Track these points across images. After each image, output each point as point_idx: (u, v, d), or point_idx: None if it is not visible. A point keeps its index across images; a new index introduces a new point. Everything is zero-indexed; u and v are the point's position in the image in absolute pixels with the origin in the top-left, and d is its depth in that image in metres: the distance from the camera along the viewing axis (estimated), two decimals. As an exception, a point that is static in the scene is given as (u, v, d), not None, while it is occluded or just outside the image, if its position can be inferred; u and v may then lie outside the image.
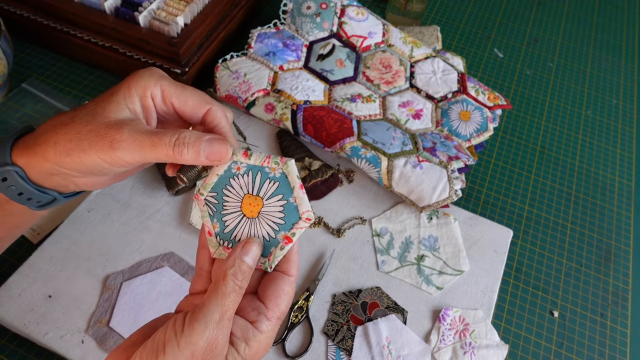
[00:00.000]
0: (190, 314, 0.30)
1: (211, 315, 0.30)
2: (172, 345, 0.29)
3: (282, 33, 0.77)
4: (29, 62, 0.76)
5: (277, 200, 0.34)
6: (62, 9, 0.69)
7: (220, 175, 0.34)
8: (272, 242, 0.34)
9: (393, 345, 0.53)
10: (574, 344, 0.58)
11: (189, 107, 0.35)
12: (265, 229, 0.34)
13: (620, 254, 0.66)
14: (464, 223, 0.64)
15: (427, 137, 0.68)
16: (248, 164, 0.34)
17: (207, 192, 0.35)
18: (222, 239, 0.35)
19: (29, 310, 0.52)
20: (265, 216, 0.34)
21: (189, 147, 0.32)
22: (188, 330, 0.29)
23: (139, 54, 0.70)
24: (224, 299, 0.31)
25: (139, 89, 0.34)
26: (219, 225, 0.35)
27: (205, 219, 0.35)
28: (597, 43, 0.94)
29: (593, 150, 0.77)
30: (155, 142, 0.32)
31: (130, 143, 0.32)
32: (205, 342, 0.29)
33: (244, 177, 0.34)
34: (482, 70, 0.86)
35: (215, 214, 0.35)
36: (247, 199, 0.34)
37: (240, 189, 0.34)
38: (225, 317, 0.30)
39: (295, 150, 0.66)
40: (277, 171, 0.34)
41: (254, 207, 0.34)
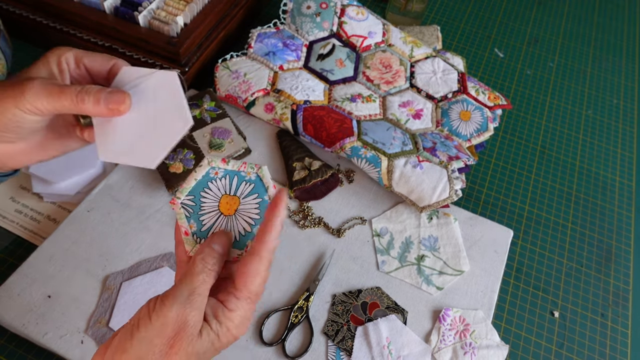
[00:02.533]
0: (163, 294, 0.33)
1: (180, 292, 0.33)
2: (145, 320, 0.32)
3: (282, 33, 0.77)
4: (28, 62, 0.75)
5: (253, 199, 0.37)
6: (61, 8, 0.69)
7: (198, 180, 0.37)
8: (248, 236, 0.37)
9: (393, 346, 0.53)
10: (574, 344, 0.58)
11: (97, 63, 0.39)
12: (241, 225, 0.37)
13: (620, 254, 0.66)
14: (464, 223, 0.63)
15: (427, 137, 0.68)
16: (226, 169, 0.37)
17: (184, 196, 0.37)
18: (199, 237, 0.37)
19: (28, 311, 0.52)
20: (241, 213, 0.37)
21: (90, 95, 0.35)
22: (159, 306, 0.32)
23: (139, 54, 0.70)
24: (192, 277, 0.33)
25: (54, 56, 0.38)
26: (196, 224, 0.37)
27: (181, 221, 0.37)
28: (598, 43, 0.94)
29: (594, 150, 0.77)
30: (63, 89, 0.35)
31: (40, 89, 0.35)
32: (175, 314, 0.32)
33: (222, 181, 0.37)
34: (482, 70, 0.86)
35: (192, 215, 0.37)
36: (225, 199, 0.37)
37: (218, 190, 0.37)
38: (195, 293, 0.33)
39: (295, 150, 0.66)
40: (252, 175, 0.37)
41: (231, 206, 0.37)
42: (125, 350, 0.32)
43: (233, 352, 0.52)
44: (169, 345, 0.32)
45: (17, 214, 0.60)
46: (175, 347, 0.32)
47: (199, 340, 0.33)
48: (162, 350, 0.32)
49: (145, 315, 0.32)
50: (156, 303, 0.33)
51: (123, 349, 0.32)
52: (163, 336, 0.32)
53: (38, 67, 0.38)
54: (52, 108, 0.35)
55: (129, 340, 0.32)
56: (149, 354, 0.32)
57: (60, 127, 0.41)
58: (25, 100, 0.34)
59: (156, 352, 0.32)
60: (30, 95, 0.34)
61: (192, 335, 0.32)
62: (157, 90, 0.37)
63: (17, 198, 0.61)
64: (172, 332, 0.32)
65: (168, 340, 0.32)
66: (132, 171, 0.63)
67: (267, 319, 0.54)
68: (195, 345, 0.32)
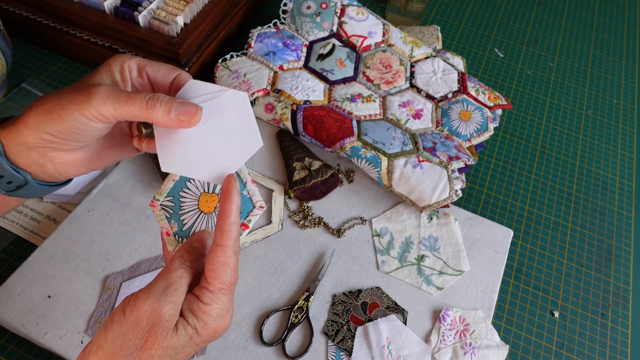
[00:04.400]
0: (138, 290, 0.33)
1: (156, 287, 0.33)
2: (119, 315, 0.32)
3: (282, 33, 0.77)
4: (28, 62, 0.76)
5: None
6: (61, 8, 0.69)
7: (176, 181, 0.38)
8: None
9: (393, 346, 0.53)
10: (574, 344, 0.58)
11: (161, 73, 0.38)
12: None
13: (620, 254, 0.66)
14: (464, 223, 0.63)
15: (427, 137, 0.68)
16: None
17: (163, 197, 0.38)
18: (181, 236, 0.37)
19: (28, 311, 0.52)
20: None
21: (161, 103, 0.34)
22: (133, 300, 0.32)
23: (139, 54, 0.70)
24: (168, 273, 0.34)
25: (117, 64, 0.37)
26: (177, 224, 0.38)
27: (162, 222, 0.38)
28: (598, 43, 0.94)
29: (594, 150, 0.77)
30: (132, 96, 0.34)
31: (106, 95, 0.33)
32: (150, 308, 0.32)
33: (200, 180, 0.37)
34: (482, 70, 0.86)
35: (172, 215, 0.38)
36: (204, 197, 0.38)
37: (197, 189, 0.38)
38: (171, 287, 0.33)
39: (295, 150, 0.66)
40: None
41: (210, 204, 0.38)
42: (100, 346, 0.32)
43: (233, 352, 0.52)
44: (143, 339, 0.31)
45: (17, 214, 0.60)
46: (150, 341, 0.32)
47: (174, 335, 0.32)
48: (137, 345, 0.31)
49: (119, 310, 0.32)
50: (131, 299, 0.33)
51: (98, 344, 0.32)
52: (137, 330, 0.31)
53: (100, 74, 0.37)
54: (118, 115, 0.34)
55: (103, 335, 0.32)
56: (124, 348, 0.31)
57: (116, 136, 0.40)
58: (91, 106, 0.33)
59: (131, 345, 0.31)
60: (96, 101, 0.33)
61: (167, 329, 0.32)
62: (227, 108, 0.36)
63: (17, 198, 0.62)
64: (146, 326, 0.31)
65: (142, 334, 0.31)
66: (132, 171, 0.63)
67: (267, 319, 0.54)
68: (171, 339, 0.32)
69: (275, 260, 0.59)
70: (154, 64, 0.38)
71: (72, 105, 0.33)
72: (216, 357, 0.51)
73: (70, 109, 0.33)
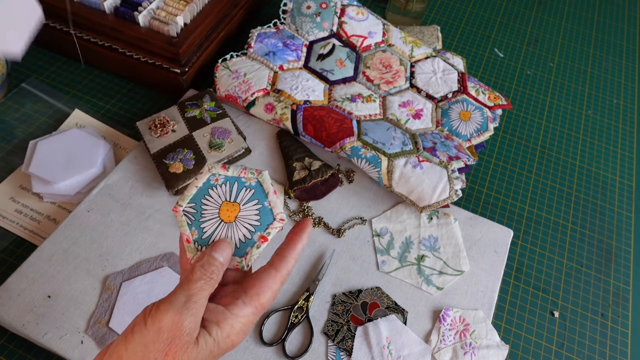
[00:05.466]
0: (159, 300, 0.33)
1: (176, 298, 0.32)
2: (140, 326, 0.32)
3: (282, 33, 0.77)
4: (28, 62, 0.76)
5: (253, 205, 0.37)
6: (61, 8, 0.69)
7: (199, 187, 0.37)
8: (248, 243, 0.37)
9: (393, 346, 0.53)
10: (574, 344, 0.58)
11: None
12: (241, 231, 0.37)
13: (620, 254, 0.66)
14: (464, 223, 0.63)
15: (427, 137, 0.68)
16: (226, 176, 0.37)
17: (186, 203, 0.37)
18: (200, 244, 0.37)
19: (28, 311, 0.52)
20: (241, 220, 0.37)
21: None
22: (154, 311, 0.32)
23: (139, 54, 0.70)
24: (189, 284, 0.33)
25: None
26: (197, 232, 0.37)
27: (183, 228, 0.37)
28: (598, 43, 0.94)
29: (594, 150, 0.77)
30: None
31: None
32: (170, 320, 0.31)
33: (222, 187, 0.37)
34: (482, 70, 0.86)
35: (193, 222, 0.37)
36: (225, 206, 0.37)
37: (219, 197, 0.37)
38: (192, 300, 0.32)
39: (295, 150, 0.66)
40: (252, 180, 0.37)
41: (231, 213, 0.37)
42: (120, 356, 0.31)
43: (233, 352, 0.52)
44: (164, 352, 0.31)
45: (17, 214, 0.60)
46: (170, 355, 0.31)
47: (195, 348, 0.32)
48: (157, 357, 0.31)
49: (140, 320, 0.32)
50: (152, 309, 0.32)
51: (118, 354, 0.31)
52: (158, 342, 0.31)
53: None
54: None
55: (124, 345, 0.32)
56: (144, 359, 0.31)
57: None
58: None
59: (151, 358, 0.31)
60: None
61: (187, 343, 0.32)
62: None
63: (17, 198, 0.61)
64: (167, 339, 0.31)
65: (164, 347, 0.31)
66: (132, 171, 0.63)
67: (267, 319, 0.54)
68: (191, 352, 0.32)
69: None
70: None
71: None
72: (216, 357, 0.51)
73: None
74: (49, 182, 0.61)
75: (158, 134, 0.64)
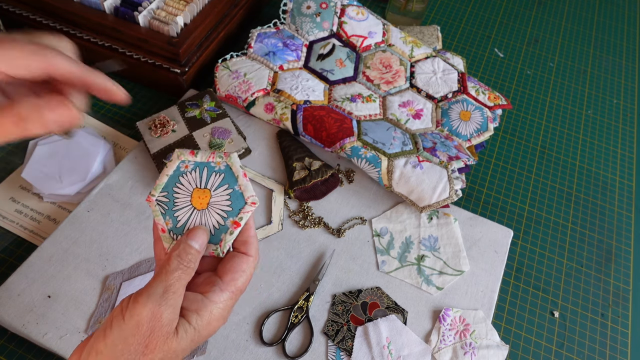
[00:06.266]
0: (136, 292, 0.32)
1: (154, 289, 0.32)
2: (118, 320, 0.31)
3: (282, 33, 0.77)
4: (29, 62, 0.76)
5: (224, 190, 0.37)
6: (61, 8, 0.69)
7: (169, 175, 0.37)
8: (221, 229, 0.37)
9: (393, 346, 0.53)
10: (574, 344, 0.58)
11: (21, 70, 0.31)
12: (214, 218, 0.37)
13: (620, 254, 0.66)
14: (464, 223, 0.63)
15: (427, 137, 0.68)
16: (195, 161, 0.37)
17: (158, 192, 0.37)
18: (175, 233, 0.37)
19: (28, 311, 0.52)
20: (214, 206, 0.37)
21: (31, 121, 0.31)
22: (132, 304, 0.32)
23: (139, 54, 0.70)
24: (167, 275, 0.33)
25: None
26: (172, 221, 0.37)
27: (157, 218, 0.37)
28: (598, 43, 0.94)
29: (594, 150, 0.77)
30: None
31: None
32: (149, 312, 0.31)
33: (192, 174, 0.37)
34: (482, 70, 0.86)
35: (167, 212, 0.37)
36: (196, 193, 0.37)
37: (189, 184, 0.37)
38: (170, 290, 0.32)
39: (295, 150, 0.66)
40: (221, 164, 0.37)
41: (203, 200, 0.37)
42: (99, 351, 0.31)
43: (233, 352, 0.52)
44: (144, 344, 0.31)
45: (17, 214, 0.60)
46: (151, 346, 0.31)
47: (175, 338, 0.32)
48: (138, 350, 0.31)
49: (118, 314, 0.32)
50: (129, 302, 0.32)
51: (97, 349, 0.31)
52: (138, 335, 0.31)
53: None
54: None
55: (102, 340, 0.31)
56: (125, 353, 0.31)
57: None
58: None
59: (132, 351, 0.31)
60: None
61: (167, 334, 0.32)
62: None
63: (17, 198, 0.61)
64: (147, 331, 0.31)
65: (143, 339, 0.31)
66: (132, 171, 0.63)
67: (267, 319, 0.54)
68: (171, 343, 0.32)
69: (275, 260, 0.59)
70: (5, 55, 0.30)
71: None
72: (216, 357, 0.51)
73: None
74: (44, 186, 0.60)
75: (158, 134, 0.64)
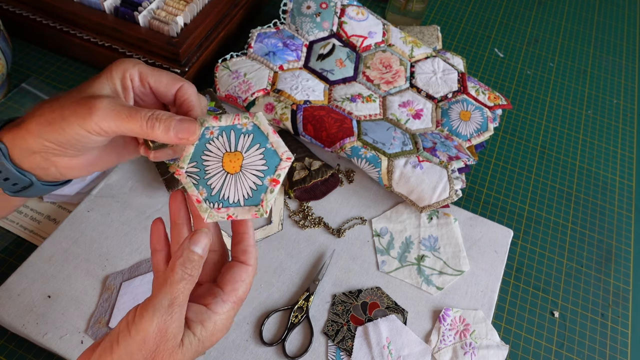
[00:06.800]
0: (141, 305, 0.32)
1: (160, 302, 0.32)
2: (124, 334, 0.32)
3: (282, 33, 0.77)
4: (29, 62, 0.76)
5: (256, 150, 0.36)
6: (61, 8, 0.69)
7: (196, 144, 0.36)
8: (260, 189, 0.36)
9: (393, 346, 0.53)
10: (574, 344, 0.58)
11: (163, 84, 0.37)
12: (250, 180, 0.36)
13: (620, 254, 0.66)
14: (464, 223, 0.63)
15: (427, 137, 0.68)
16: (220, 126, 0.36)
17: (187, 164, 0.36)
18: (212, 201, 0.36)
19: (28, 311, 0.52)
20: (247, 168, 0.36)
21: (160, 122, 0.34)
22: (138, 318, 0.32)
23: (139, 54, 0.70)
24: (172, 286, 0.33)
25: (119, 72, 0.36)
26: (206, 190, 0.36)
27: (190, 189, 0.36)
28: (598, 43, 0.94)
29: (594, 150, 0.77)
30: (132, 114, 0.33)
31: (108, 111, 0.33)
32: (155, 327, 0.31)
33: (219, 139, 0.36)
34: (482, 70, 0.86)
35: (199, 181, 0.36)
36: (227, 157, 0.36)
37: (218, 150, 0.36)
38: (175, 303, 0.32)
39: (295, 150, 0.66)
40: (248, 125, 0.36)
41: (235, 163, 0.36)
42: None
43: (233, 352, 0.52)
44: (150, 358, 0.32)
45: (17, 214, 0.60)
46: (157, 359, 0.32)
47: (180, 350, 0.33)
48: None
49: (124, 328, 0.32)
50: (135, 316, 0.32)
51: None
52: (144, 350, 0.31)
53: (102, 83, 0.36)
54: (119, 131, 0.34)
55: (110, 355, 0.32)
56: None
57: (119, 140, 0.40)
58: (92, 121, 0.33)
59: None
60: (97, 117, 0.33)
61: (173, 347, 0.32)
62: None
63: (17, 198, 0.61)
64: (153, 346, 0.32)
65: (149, 354, 0.32)
66: (132, 171, 0.63)
67: (267, 319, 0.54)
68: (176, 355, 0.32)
69: (275, 260, 0.59)
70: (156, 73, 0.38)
71: (73, 118, 0.33)
72: (216, 357, 0.51)
73: (71, 122, 0.33)
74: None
75: (158, 134, 0.64)
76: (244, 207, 0.36)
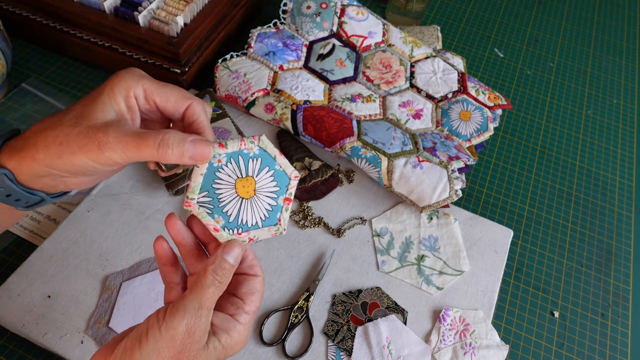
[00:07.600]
0: (172, 305, 0.33)
1: (190, 304, 0.33)
2: (154, 330, 0.32)
3: (282, 33, 0.77)
4: (28, 62, 0.76)
5: (266, 173, 0.37)
6: (61, 8, 0.69)
7: (204, 174, 0.36)
8: (275, 210, 0.37)
9: (393, 346, 0.53)
10: (574, 344, 0.58)
11: (171, 104, 0.37)
12: (265, 202, 0.37)
13: (620, 254, 0.66)
14: (464, 223, 0.63)
15: (427, 137, 0.68)
16: (227, 153, 0.36)
17: (197, 194, 0.36)
18: (230, 228, 0.36)
19: (28, 311, 0.52)
20: (261, 191, 0.37)
21: (173, 148, 0.33)
22: (169, 317, 0.33)
23: (139, 54, 0.70)
24: (202, 290, 0.34)
25: (122, 90, 0.35)
26: (222, 218, 0.36)
27: (205, 220, 0.36)
28: (598, 43, 0.94)
29: (594, 150, 0.77)
30: (140, 144, 0.33)
31: (116, 144, 0.33)
32: (185, 327, 0.32)
33: (229, 166, 0.36)
34: (482, 70, 0.86)
35: (214, 210, 0.36)
36: (240, 183, 0.37)
37: (229, 177, 0.36)
38: (204, 306, 0.33)
39: (295, 150, 0.66)
40: (254, 149, 0.37)
41: (248, 187, 0.37)
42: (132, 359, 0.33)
43: (233, 352, 0.52)
44: (176, 357, 0.32)
45: (17, 214, 0.60)
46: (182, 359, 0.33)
47: (205, 352, 0.34)
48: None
49: (154, 325, 0.33)
50: (166, 314, 0.33)
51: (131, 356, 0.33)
52: (171, 348, 0.32)
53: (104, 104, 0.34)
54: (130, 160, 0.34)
55: (137, 349, 0.32)
56: None
57: None
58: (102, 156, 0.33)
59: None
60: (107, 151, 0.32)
61: (198, 349, 0.33)
62: None
63: (17, 198, 0.61)
64: (180, 345, 0.32)
65: (176, 352, 0.32)
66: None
67: (267, 319, 0.54)
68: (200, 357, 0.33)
69: (275, 260, 0.59)
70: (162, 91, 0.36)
71: (82, 153, 0.33)
72: (216, 357, 0.51)
73: (80, 157, 0.33)
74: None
75: (158, 134, 0.64)
76: (262, 228, 0.37)
